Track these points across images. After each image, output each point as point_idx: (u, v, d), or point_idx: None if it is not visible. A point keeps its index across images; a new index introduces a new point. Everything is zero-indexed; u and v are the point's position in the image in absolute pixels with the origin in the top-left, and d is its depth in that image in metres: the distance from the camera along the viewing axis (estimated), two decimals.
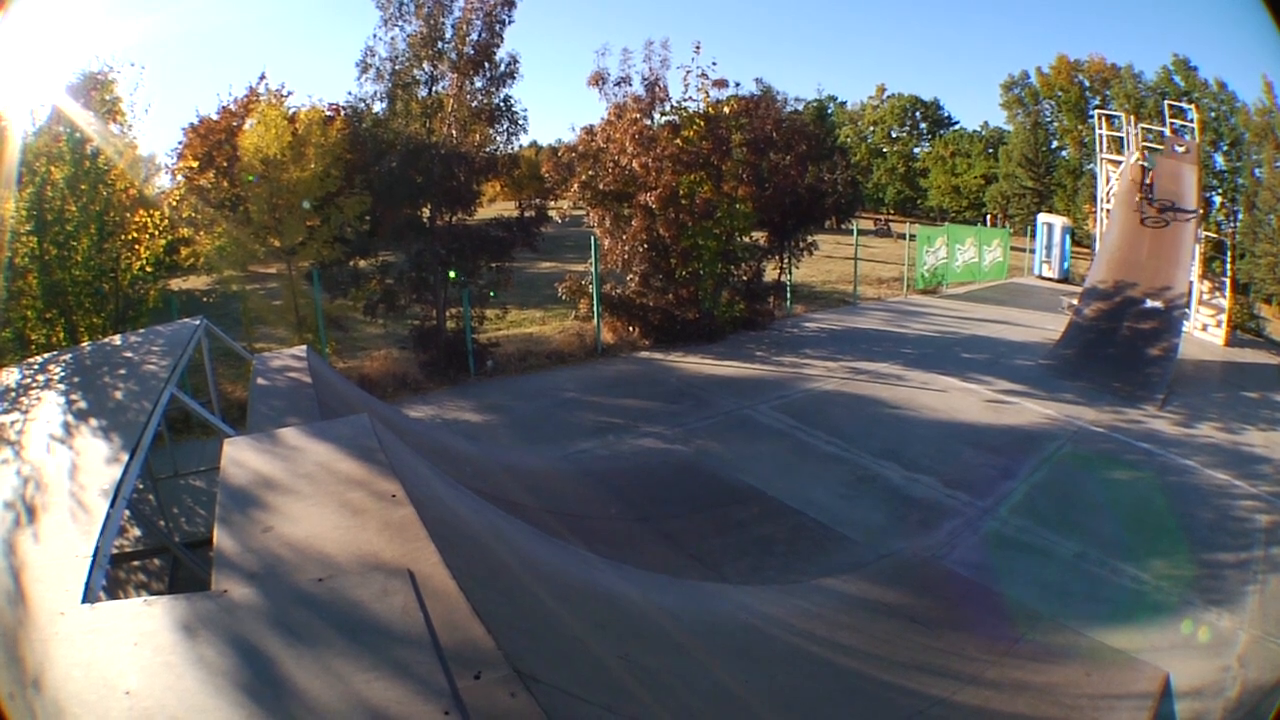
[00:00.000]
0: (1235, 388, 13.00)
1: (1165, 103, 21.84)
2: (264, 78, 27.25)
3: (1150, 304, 14.05)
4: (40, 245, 9.68)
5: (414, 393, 11.33)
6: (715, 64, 14.58)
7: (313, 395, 5.52)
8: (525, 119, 13.00)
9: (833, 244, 23.46)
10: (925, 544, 7.11)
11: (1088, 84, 31.91)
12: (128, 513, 3.87)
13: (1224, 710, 5.01)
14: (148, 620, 2.28)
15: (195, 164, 14.59)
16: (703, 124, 14.12)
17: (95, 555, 2.85)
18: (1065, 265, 24.27)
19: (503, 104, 12.75)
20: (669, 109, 14.45)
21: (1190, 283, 15.77)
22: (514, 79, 12.71)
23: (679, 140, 13.91)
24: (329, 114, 13.12)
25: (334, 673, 2.04)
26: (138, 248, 10.52)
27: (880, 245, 28.05)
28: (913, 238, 20.90)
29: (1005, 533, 7.39)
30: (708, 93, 14.34)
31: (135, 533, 5.88)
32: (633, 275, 14.34)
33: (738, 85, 14.82)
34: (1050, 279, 23.92)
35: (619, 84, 14.26)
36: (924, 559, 6.81)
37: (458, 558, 2.80)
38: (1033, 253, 25.19)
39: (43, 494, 3.44)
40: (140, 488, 6.42)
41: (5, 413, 4.57)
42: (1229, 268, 20.79)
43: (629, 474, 8.34)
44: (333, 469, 3.40)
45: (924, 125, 40.58)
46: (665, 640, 3.86)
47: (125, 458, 3.74)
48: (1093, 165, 24.39)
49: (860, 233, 21.07)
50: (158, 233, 10.71)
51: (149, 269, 10.68)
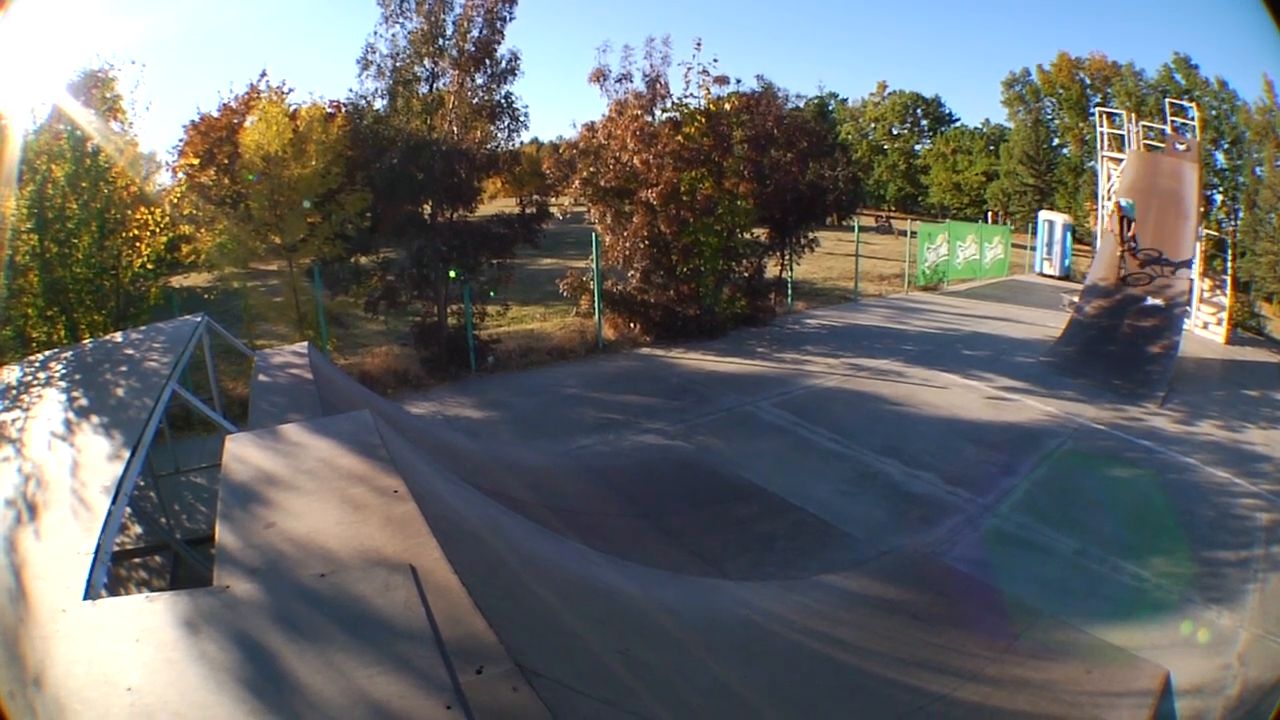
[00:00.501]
0: (1236, 386, 12.98)
1: (1166, 101, 21.81)
2: (265, 75, 27.19)
3: (1151, 302, 14.05)
4: (41, 243, 9.69)
5: (415, 389, 11.34)
6: (716, 61, 14.52)
7: (314, 392, 5.52)
8: (526, 115, 13.04)
9: (834, 241, 23.42)
10: (926, 540, 7.11)
11: (1089, 81, 31.79)
12: (129, 509, 3.87)
13: (1224, 708, 5.01)
14: (149, 617, 2.28)
15: (196, 161, 14.58)
16: (704, 121, 14.09)
17: (97, 552, 2.86)
18: (1066, 262, 24.23)
19: (504, 100, 12.76)
20: (670, 105, 14.42)
21: (1191, 280, 15.75)
22: (515, 75, 12.74)
23: (680, 137, 13.89)
24: (330, 111, 13.11)
25: (336, 668, 2.04)
26: (139, 245, 10.52)
27: (881, 242, 27.99)
28: (914, 234, 20.86)
29: (1006, 530, 7.39)
30: (709, 89, 14.32)
31: (137, 529, 5.90)
32: (634, 272, 14.33)
33: (739, 82, 14.83)
34: (1051, 276, 23.89)
35: (620, 81, 14.24)
36: (924, 555, 6.81)
37: (459, 553, 2.81)
38: (1034, 250, 25.15)
39: (44, 491, 3.45)
40: (141, 484, 6.42)
41: (7, 410, 4.58)
42: (1230, 266, 20.77)
43: (630, 470, 8.34)
44: (334, 465, 3.41)
45: (925, 122, 40.40)
46: (665, 636, 3.86)
47: (127, 454, 3.75)
48: (1094, 163, 24.32)
49: (861, 229, 21.04)
50: (159, 230, 10.71)
51: (150, 266, 10.67)
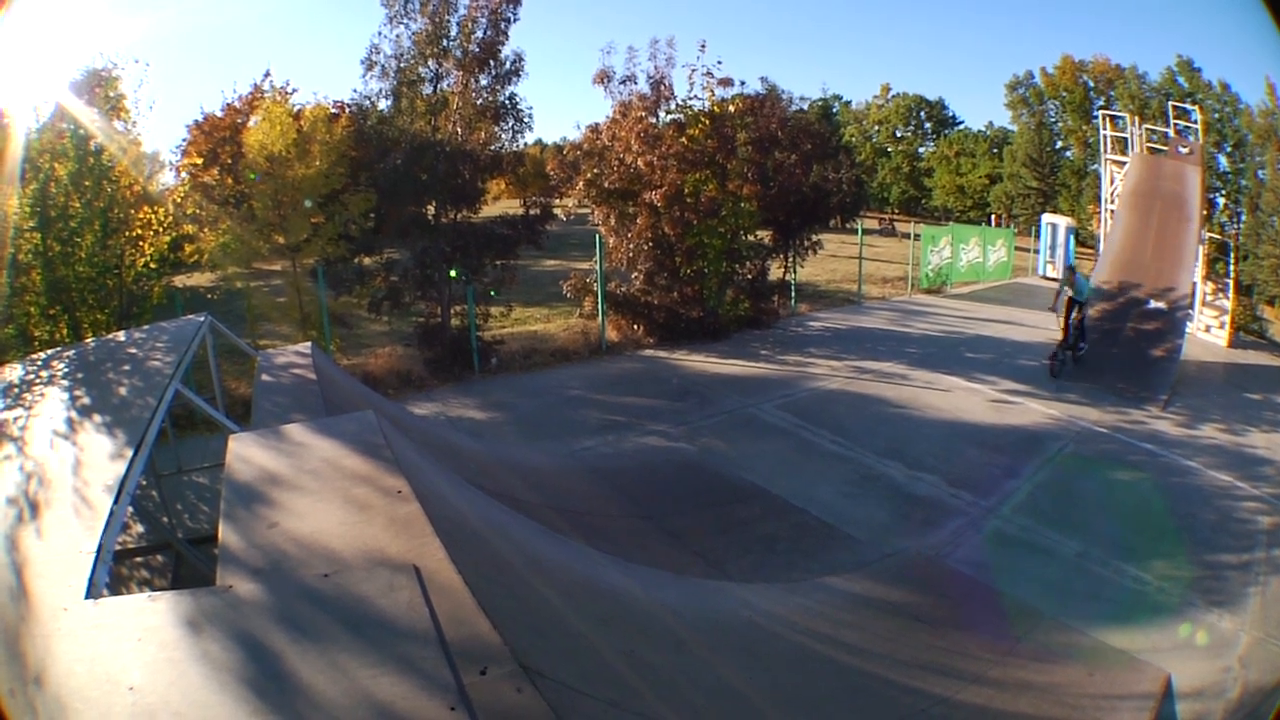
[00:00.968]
0: (1238, 389, 12.96)
1: (1169, 104, 21.79)
2: (269, 75, 27.43)
3: (1154, 305, 14.02)
4: (44, 241, 9.68)
5: (418, 390, 11.33)
6: (720, 63, 14.48)
7: (317, 392, 5.51)
8: (530, 117, 13.00)
9: (837, 243, 23.42)
10: (929, 543, 7.10)
11: (1092, 85, 31.78)
12: (131, 509, 3.88)
13: (1225, 711, 5.00)
14: (151, 616, 2.27)
15: (200, 161, 14.62)
16: (708, 122, 14.07)
17: (99, 551, 2.85)
18: (1070, 266, 24.20)
19: (508, 102, 12.73)
20: (674, 107, 14.41)
21: (1194, 284, 15.72)
22: (519, 77, 12.69)
23: (684, 139, 13.87)
24: (334, 111, 13.14)
25: (339, 668, 2.03)
26: (142, 244, 10.51)
27: (885, 245, 27.97)
28: (917, 237, 20.84)
29: (1008, 532, 7.38)
30: (713, 91, 14.30)
31: (139, 529, 5.91)
32: (637, 273, 14.32)
33: (743, 84, 14.77)
34: (1054, 279, 23.86)
35: (624, 82, 14.23)
36: (927, 558, 6.80)
37: (463, 554, 2.80)
38: (1037, 253, 25.10)
39: (46, 490, 3.45)
40: (144, 484, 6.42)
41: (9, 409, 4.57)
42: (1232, 269, 20.76)
43: (633, 471, 8.33)
44: (338, 465, 3.40)
45: (929, 125, 40.43)
46: (669, 637, 3.86)
47: (129, 454, 3.75)
48: (1097, 166, 24.31)
49: (865, 232, 21.00)
50: (162, 229, 10.69)
51: (153, 265, 10.66)
